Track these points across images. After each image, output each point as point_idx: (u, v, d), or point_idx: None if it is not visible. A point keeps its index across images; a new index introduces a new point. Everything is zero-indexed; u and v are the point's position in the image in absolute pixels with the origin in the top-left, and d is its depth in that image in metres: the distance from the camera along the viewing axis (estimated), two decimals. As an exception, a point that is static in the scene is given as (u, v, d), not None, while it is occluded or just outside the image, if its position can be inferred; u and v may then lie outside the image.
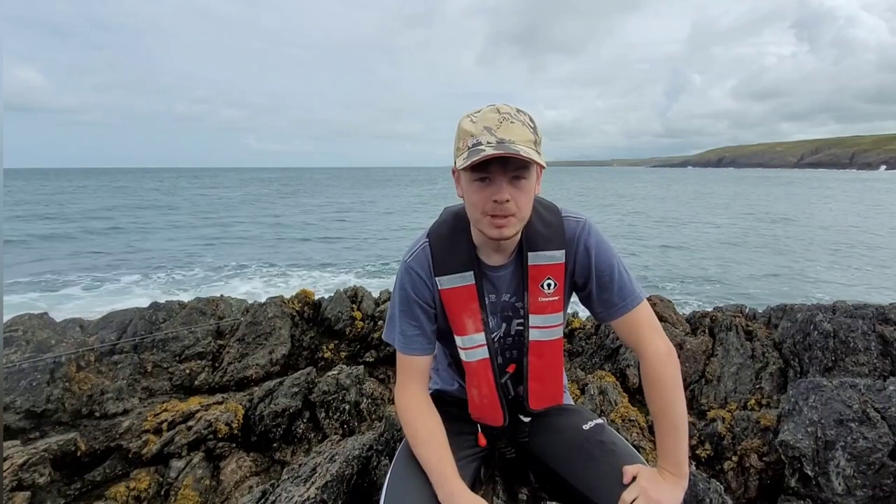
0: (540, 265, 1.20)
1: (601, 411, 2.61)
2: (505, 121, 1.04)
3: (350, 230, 25.49)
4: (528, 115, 1.09)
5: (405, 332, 1.24)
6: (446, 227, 1.25)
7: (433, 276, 1.21)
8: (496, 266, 1.22)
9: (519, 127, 1.05)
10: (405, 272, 1.23)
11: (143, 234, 23.11)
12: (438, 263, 1.21)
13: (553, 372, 1.28)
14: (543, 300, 1.21)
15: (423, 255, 1.23)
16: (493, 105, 1.09)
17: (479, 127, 1.05)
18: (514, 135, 1.03)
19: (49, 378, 2.78)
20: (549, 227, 1.21)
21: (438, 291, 1.22)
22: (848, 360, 2.77)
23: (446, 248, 1.22)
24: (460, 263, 1.20)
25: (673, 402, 1.14)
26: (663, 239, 21.46)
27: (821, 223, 26.78)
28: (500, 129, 1.03)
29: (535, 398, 1.27)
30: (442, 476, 1.11)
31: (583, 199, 48.99)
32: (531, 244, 1.20)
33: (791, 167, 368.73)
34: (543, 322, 1.22)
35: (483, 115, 1.07)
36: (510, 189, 1.05)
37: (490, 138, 1.03)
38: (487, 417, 1.28)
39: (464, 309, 1.21)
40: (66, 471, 2.53)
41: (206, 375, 3.35)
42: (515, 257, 1.22)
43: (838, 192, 60.17)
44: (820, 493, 1.96)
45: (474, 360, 1.23)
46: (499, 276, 1.23)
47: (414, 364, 1.25)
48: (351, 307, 3.91)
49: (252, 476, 2.73)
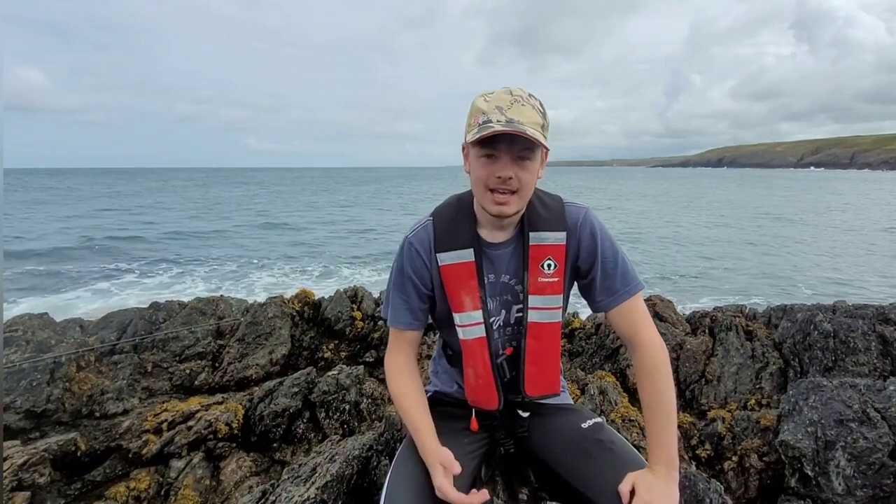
0: (541, 245, 1.22)
1: (601, 411, 2.60)
2: (516, 103, 1.09)
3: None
4: (538, 101, 1.14)
5: (395, 306, 1.29)
6: (450, 208, 1.29)
7: (433, 252, 1.25)
8: (497, 244, 1.24)
9: (529, 110, 1.09)
10: (405, 248, 1.28)
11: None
12: (440, 240, 1.24)
13: (550, 356, 1.28)
14: (543, 280, 1.22)
15: (426, 233, 1.26)
16: (506, 87, 1.14)
17: (491, 106, 1.10)
18: (524, 116, 1.08)
19: (49, 378, 2.78)
20: (550, 211, 1.24)
21: (438, 268, 1.24)
22: (848, 360, 2.77)
23: (449, 226, 1.25)
24: (461, 241, 1.23)
25: (669, 391, 1.17)
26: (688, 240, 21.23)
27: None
28: (510, 110, 1.08)
29: (531, 383, 1.28)
30: (424, 437, 1.21)
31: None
32: (532, 224, 1.22)
33: (791, 167, 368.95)
34: (543, 303, 1.23)
35: (496, 96, 1.12)
36: (514, 167, 1.10)
37: (500, 117, 1.07)
38: (482, 400, 1.29)
39: (462, 286, 1.23)
40: (66, 471, 2.53)
41: (206, 375, 3.35)
42: (517, 236, 1.24)
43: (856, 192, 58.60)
44: (820, 493, 1.96)
45: (471, 339, 1.25)
46: (498, 255, 1.24)
47: (401, 336, 1.31)
48: (351, 307, 3.91)
49: (252, 476, 2.73)
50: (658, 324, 3.38)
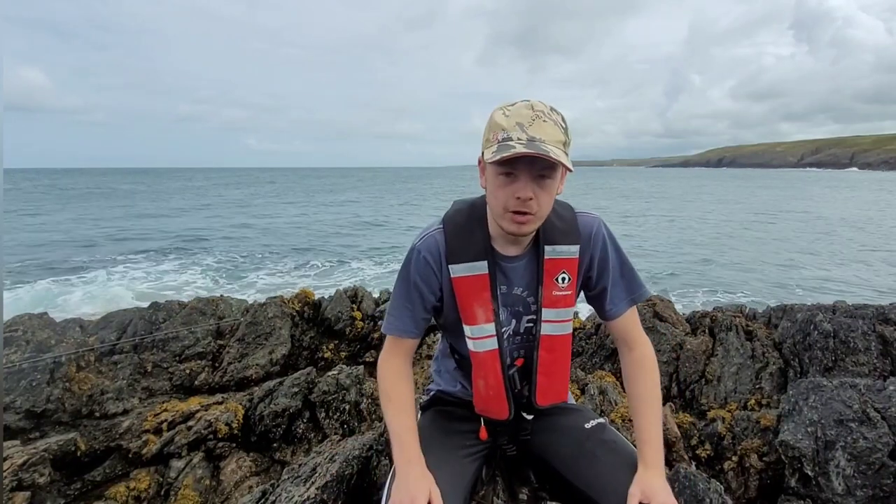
0: (556, 259, 1.20)
1: (601, 411, 2.60)
2: (538, 119, 1.03)
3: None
4: (560, 115, 1.08)
5: (399, 315, 1.25)
6: (462, 216, 1.23)
7: (445, 263, 1.20)
8: (511, 257, 1.22)
9: (551, 126, 1.03)
10: (413, 256, 1.23)
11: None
12: (452, 251, 1.20)
13: (561, 367, 1.28)
14: (557, 294, 1.21)
15: (436, 242, 1.21)
16: (527, 101, 1.07)
17: (511, 122, 1.04)
18: (546, 134, 1.02)
19: (49, 378, 2.78)
20: (564, 223, 1.22)
21: (450, 279, 1.20)
22: (848, 360, 2.77)
23: (461, 236, 1.21)
24: (474, 252, 1.20)
25: (659, 388, 1.22)
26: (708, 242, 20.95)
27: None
28: (531, 127, 1.02)
29: (542, 393, 1.27)
30: (405, 444, 1.15)
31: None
32: (548, 238, 1.20)
33: (791, 167, 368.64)
34: (556, 316, 1.22)
35: (516, 111, 1.05)
36: (534, 187, 1.05)
37: (521, 135, 1.01)
38: (492, 411, 1.28)
39: (475, 298, 1.20)
40: (66, 471, 2.53)
41: (206, 375, 3.35)
42: (531, 250, 1.22)
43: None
44: (820, 493, 1.96)
45: (482, 351, 1.22)
46: (513, 268, 1.22)
47: (400, 343, 1.27)
48: (351, 307, 3.92)
49: (252, 476, 2.73)
50: (658, 324, 3.38)
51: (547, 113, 1.05)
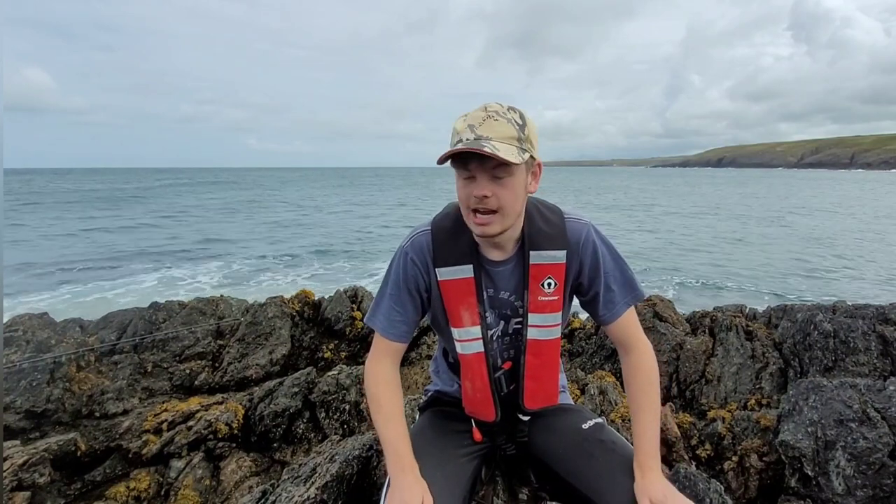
0: (541, 264, 1.19)
1: (601, 411, 2.60)
2: (489, 118, 1.05)
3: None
4: (518, 113, 1.08)
5: (390, 317, 1.24)
6: (449, 220, 1.24)
7: (432, 266, 1.21)
8: (497, 261, 1.22)
9: (503, 125, 1.05)
10: (402, 257, 1.23)
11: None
12: (439, 254, 1.21)
13: (549, 372, 1.28)
14: (543, 299, 1.20)
15: (423, 244, 1.22)
16: (485, 104, 1.10)
17: (464, 125, 1.06)
18: (494, 132, 1.03)
19: (49, 378, 2.78)
20: (551, 227, 1.21)
21: (437, 282, 1.21)
22: (848, 360, 2.77)
23: (448, 239, 1.22)
24: (460, 256, 1.20)
25: (657, 391, 1.20)
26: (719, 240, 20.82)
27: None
28: (481, 127, 1.04)
29: (530, 397, 1.27)
30: (398, 453, 1.15)
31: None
32: (533, 243, 1.20)
33: (791, 167, 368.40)
34: (542, 321, 1.22)
35: (472, 114, 1.08)
36: (492, 186, 1.06)
37: (469, 135, 1.04)
38: (480, 412, 1.29)
39: (461, 301, 1.21)
40: (66, 471, 2.53)
41: (206, 375, 3.35)
42: (517, 255, 1.22)
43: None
44: (820, 493, 1.96)
45: (469, 353, 1.23)
46: (499, 272, 1.22)
47: (390, 346, 1.26)
48: (351, 307, 3.92)
49: (252, 476, 2.73)
50: (658, 324, 3.38)
51: (501, 113, 1.06)
